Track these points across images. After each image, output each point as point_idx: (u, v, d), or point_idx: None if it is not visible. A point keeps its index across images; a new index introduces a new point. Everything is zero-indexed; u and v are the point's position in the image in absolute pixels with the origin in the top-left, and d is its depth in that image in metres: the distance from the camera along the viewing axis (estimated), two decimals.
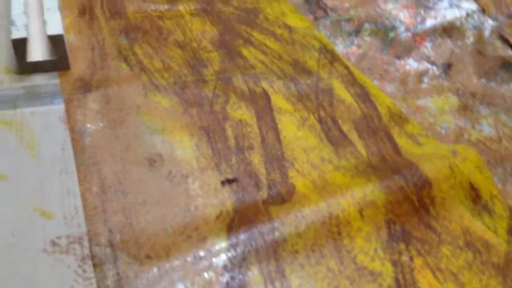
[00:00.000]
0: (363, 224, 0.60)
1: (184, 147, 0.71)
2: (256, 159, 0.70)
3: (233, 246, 0.55)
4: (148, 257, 0.55)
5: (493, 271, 0.59)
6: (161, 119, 0.77)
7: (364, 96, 0.86)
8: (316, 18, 1.10)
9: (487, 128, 0.87)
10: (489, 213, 0.68)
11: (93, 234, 0.59)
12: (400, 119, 0.82)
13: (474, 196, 0.68)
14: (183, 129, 0.74)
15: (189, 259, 0.54)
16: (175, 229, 0.58)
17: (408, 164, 0.68)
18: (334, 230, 0.59)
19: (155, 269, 0.54)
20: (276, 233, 0.57)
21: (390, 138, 0.77)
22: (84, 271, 0.55)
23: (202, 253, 0.55)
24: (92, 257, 0.56)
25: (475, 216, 0.65)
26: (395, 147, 0.75)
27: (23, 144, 0.70)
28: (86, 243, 0.58)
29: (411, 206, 0.63)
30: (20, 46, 0.83)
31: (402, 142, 0.76)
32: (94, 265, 0.55)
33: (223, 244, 0.56)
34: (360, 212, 0.61)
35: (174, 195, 0.63)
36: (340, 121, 0.79)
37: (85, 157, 0.70)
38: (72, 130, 0.74)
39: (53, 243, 0.57)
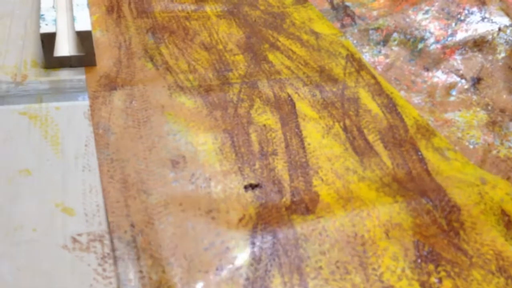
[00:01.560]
0: (390, 244, 0.58)
1: (207, 150, 0.71)
2: (280, 165, 0.68)
3: (256, 260, 0.54)
4: (169, 264, 0.54)
5: None
6: (185, 120, 0.76)
7: (390, 106, 0.84)
8: (343, 26, 1.08)
9: None
10: None
11: (115, 227, 0.58)
12: (427, 131, 0.80)
13: (507, 221, 0.66)
14: (207, 131, 0.74)
15: (210, 270, 0.53)
16: (198, 232, 0.57)
17: (435, 187, 0.66)
18: (359, 249, 0.57)
19: (176, 278, 0.53)
20: (300, 250, 0.56)
21: (417, 151, 0.75)
22: (104, 270, 0.54)
23: (224, 264, 0.54)
24: (114, 250, 0.55)
25: (508, 241, 0.63)
26: (422, 160, 0.74)
27: (47, 139, 0.70)
28: (106, 241, 0.57)
29: (439, 229, 0.61)
30: (48, 40, 0.83)
31: (429, 155, 0.75)
32: (115, 259, 0.54)
33: (245, 256, 0.55)
34: (386, 233, 0.59)
35: (196, 198, 0.62)
36: (365, 131, 0.77)
37: (108, 153, 0.69)
38: (96, 126, 0.73)
39: (74, 240, 0.57)
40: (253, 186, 0.64)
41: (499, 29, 0.99)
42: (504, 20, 1.01)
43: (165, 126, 0.75)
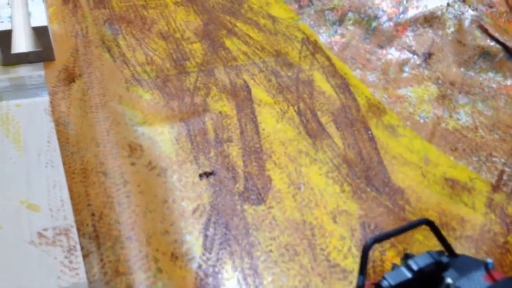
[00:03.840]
0: (337, 227, 0.62)
1: (164, 140, 0.73)
2: (235, 152, 0.72)
3: (208, 250, 0.58)
4: (128, 238, 0.57)
5: (466, 244, 0.62)
6: (142, 112, 0.78)
7: (344, 87, 0.88)
8: (300, 7, 1.11)
9: (464, 117, 0.89)
10: (469, 191, 0.71)
11: (79, 224, 0.61)
12: (378, 110, 0.84)
13: (451, 184, 0.71)
14: (164, 122, 0.76)
15: (166, 254, 0.57)
16: (155, 217, 0.60)
17: (381, 173, 0.71)
18: (308, 233, 0.61)
19: (134, 251, 0.56)
20: (251, 238, 0.60)
21: (367, 130, 0.79)
22: (70, 262, 0.57)
23: (178, 253, 0.57)
24: (81, 248, 0.58)
25: (453, 198, 0.68)
26: (372, 139, 0.77)
27: (9, 137, 0.72)
28: (72, 235, 0.60)
29: (386, 209, 0.66)
30: (4, 38, 0.84)
31: (379, 133, 0.79)
32: (83, 256, 0.57)
33: (198, 248, 0.58)
34: (334, 219, 0.64)
35: (153, 185, 0.65)
36: (319, 113, 0.81)
37: (69, 148, 0.71)
38: (57, 122, 0.75)
39: (40, 235, 0.59)
40: (207, 174, 0.67)
41: (448, 5, 1.03)
42: None
43: (122, 114, 0.77)
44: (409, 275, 0.41)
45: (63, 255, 0.57)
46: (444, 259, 0.43)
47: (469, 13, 1.01)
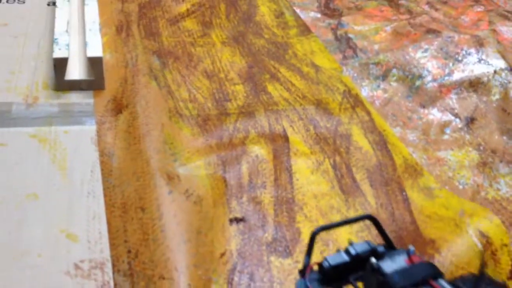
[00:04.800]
0: None
1: (200, 176, 0.74)
2: (267, 200, 0.72)
3: None
4: (161, 277, 0.57)
5: None
6: (181, 145, 0.79)
7: (382, 144, 0.87)
8: (345, 57, 1.12)
9: (504, 187, 0.88)
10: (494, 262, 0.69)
11: (115, 260, 0.61)
12: (415, 171, 0.84)
13: (485, 242, 0.70)
14: (201, 157, 0.77)
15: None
16: (188, 248, 0.60)
17: (412, 232, 0.70)
18: None
19: None
20: None
21: (402, 191, 0.78)
22: None
23: None
24: (115, 285, 0.58)
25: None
26: (406, 200, 0.77)
27: (55, 164, 0.73)
28: (107, 269, 0.60)
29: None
30: (60, 64, 0.87)
31: (414, 195, 0.78)
32: None
33: None
34: None
35: (189, 213, 0.65)
36: (354, 169, 0.80)
37: (111, 181, 0.72)
38: (101, 153, 0.77)
39: (76, 267, 0.60)
40: (238, 220, 0.67)
41: (495, 72, 1.03)
42: (500, 63, 1.04)
43: (163, 143, 0.79)
44: (346, 258, 0.48)
45: None
46: (381, 249, 0.48)
47: None
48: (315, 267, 0.48)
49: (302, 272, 0.48)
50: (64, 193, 0.69)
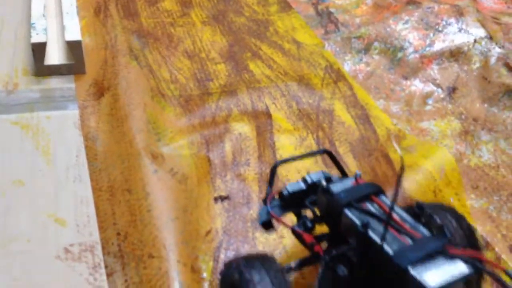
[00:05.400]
0: None
1: (184, 155, 0.74)
2: (251, 176, 0.72)
3: (215, 273, 0.58)
4: (150, 256, 0.57)
5: None
6: (164, 124, 0.79)
7: (364, 118, 0.88)
8: (326, 32, 1.12)
9: (486, 154, 0.89)
10: None
11: (104, 242, 0.62)
12: (397, 137, 0.85)
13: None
14: (184, 137, 0.77)
15: (187, 264, 0.57)
16: (176, 226, 0.60)
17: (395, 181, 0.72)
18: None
19: (154, 270, 0.56)
20: None
21: (386, 156, 0.79)
22: (95, 279, 0.58)
23: (196, 267, 0.58)
24: (105, 267, 0.59)
25: None
26: (389, 162, 0.78)
27: (39, 150, 0.73)
28: (97, 252, 0.60)
29: None
30: (39, 49, 0.86)
31: (397, 156, 0.79)
32: (107, 275, 0.58)
33: (208, 272, 0.58)
34: None
35: (175, 191, 0.66)
36: (337, 143, 0.81)
37: (97, 165, 0.72)
38: (86, 137, 0.77)
39: (66, 251, 0.60)
40: (222, 198, 0.67)
41: (475, 41, 1.04)
42: (480, 32, 1.05)
43: (146, 122, 0.78)
44: (303, 186, 0.53)
45: (88, 272, 0.58)
46: (335, 178, 0.53)
47: (496, 50, 1.02)
48: (277, 196, 0.53)
49: (265, 201, 0.53)
50: (50, 179, 0.69)
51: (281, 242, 0.64)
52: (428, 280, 0.40)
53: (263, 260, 0.46)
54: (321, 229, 0.53)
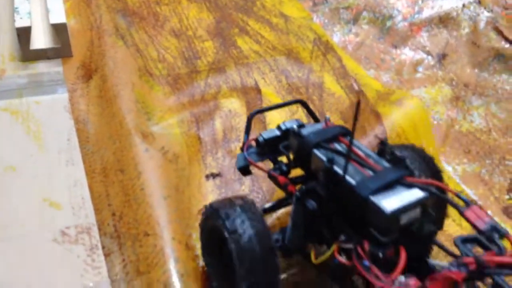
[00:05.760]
0: None
1: (174, 134, 0.74)
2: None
3: None
4: (146, 235, 0.58)
5: None
6: (153, 103, 0.79)
7: (354, 87, 0.88)
8: (315, 4, 1.11)
9: (477, 119, 0.90)
10: None
11: (100, 224, 0.62)
12: (387, 94, 0.85)
13: None
14: (174, 115, 0.76)
15: (182, 241, 0.58)
16: (169, 203, 0.61)
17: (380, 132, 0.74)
18: None
19: (150, 248, 0.57)
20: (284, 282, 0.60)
21: (375, 111, 0.80)
22: (93, 260, 0.58)
23: (188, 243, 0.59)
24: (103, 248, 0.59)
25: None
26: (377, 115, 0.79)
27: (29, 135, 0.73)
28: (94, 233, 0.61)
29: None
30: (24, 34, 0.84)
31: (385, 110, 0.79)
32: (105, 255, 0.58)
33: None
34: None
35: (166, 170, 0.66)
36: (328, 114, 0.81)
37: (89, 148, 0.72)
38: (76, 120, 0.76)
39: (63, 233, 0.61)
40: (214, 175, 0.67)
41: (463, 6, 1.03)
42: None
43: (134, 102, 0.77)
44: (278, 133, 0.57)
45: (85, 254, 0.59)
46: (308, 124, 0.56)
47: (484, 14, 1.01)
48: (254, 144, 0.57)
49: (242, 148, 0.56)
50: (42, 163, 0.69)
51: (271, 216, 0.63)
52: (386, 205, 0.43)
53: (241, 203, 0.49)
54: (297, 172, 0.55)
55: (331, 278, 0.51)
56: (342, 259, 0.45)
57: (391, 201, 0.44)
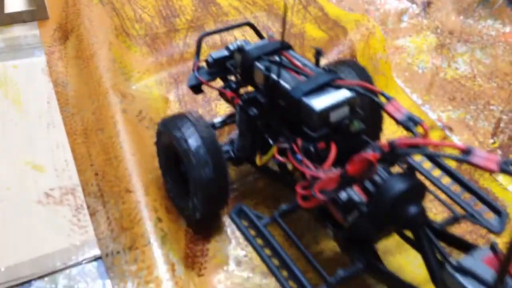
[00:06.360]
0: None
1: (152, 96, 0.73)
2: (222, 111, 0.72)
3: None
4: (128, 191, 0.58)
5: None
6: (130, 64, 0.78)
7: (335, 27, 0.86)
8: None
9: (462, 66, 0.89)
10: None
11: (84, 184, 0.62)
12: (367, 30, 0.84)
13: None
14: (152, 76, 0.75)
15: (163, 196, 0.59)
16: (148, 168, 0.61)
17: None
18: None
19: (133, 204, 0.57)
20: (235, 193, 0.62)
21: (352, 48, 0.80)
22: (79, 220, 0.58)
23: (170, 207, 0.59)
24: (88, 207, 0.59)
25: None
26: (353, 49, 0.80)
27: (8, 99, 0.72)
28: (78, 194, 0.61)
29: None
30: None
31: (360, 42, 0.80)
32: (90, 215, 0.58)
33: None
34: None
35: (143, 136, 0.65)
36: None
37: (69, 110, 0.71)
38: (55, 83, 0.75)
39: (47, 195, 0.60)
40: None
41: None
42: None
43: (112, 61, 0.76)
44: (226, 53, 0.59)
45: (71, 214, 0.59)
46: (253, 43, 0.58)
47: None
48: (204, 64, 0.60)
49: (193, 69, 0.59)
50: (23, 127, 0.68)
51: (250, 168, 0.63)
52: (315, 104, 0.48)
53: (192, 118, 0.54)
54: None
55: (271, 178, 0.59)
56: (281, 158, 0.50)
57: (321, 101, 0.49)
